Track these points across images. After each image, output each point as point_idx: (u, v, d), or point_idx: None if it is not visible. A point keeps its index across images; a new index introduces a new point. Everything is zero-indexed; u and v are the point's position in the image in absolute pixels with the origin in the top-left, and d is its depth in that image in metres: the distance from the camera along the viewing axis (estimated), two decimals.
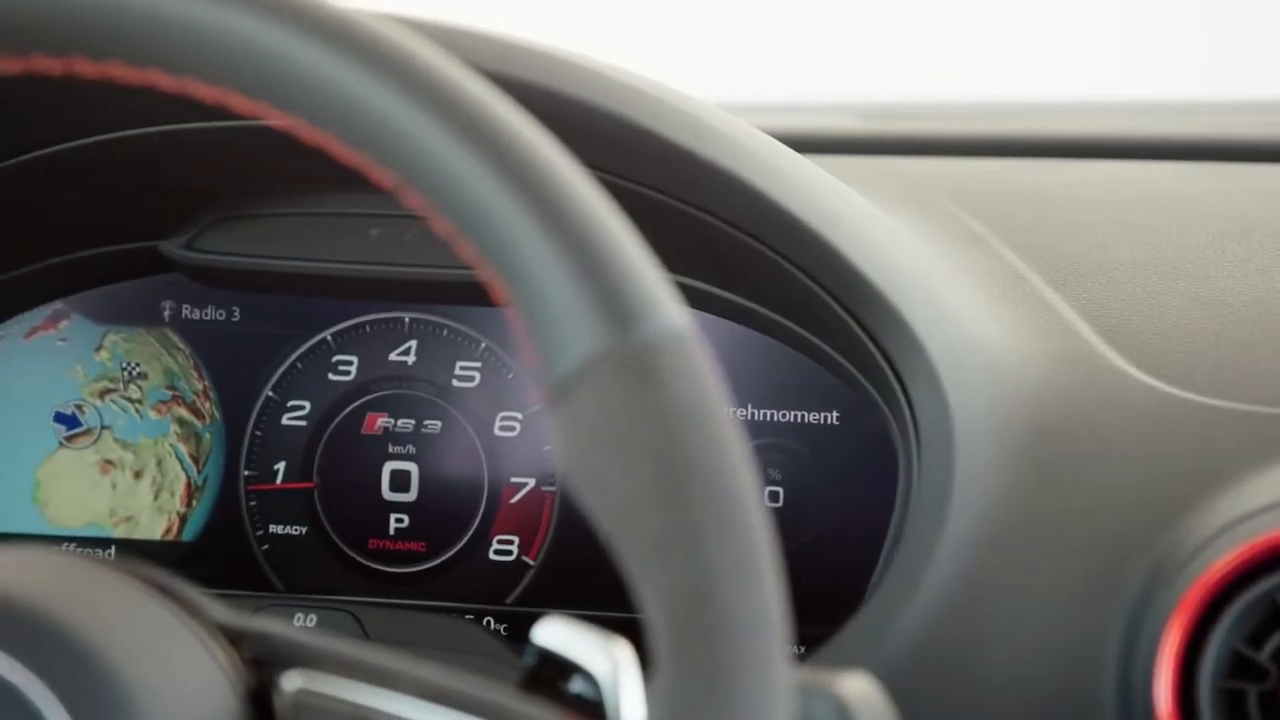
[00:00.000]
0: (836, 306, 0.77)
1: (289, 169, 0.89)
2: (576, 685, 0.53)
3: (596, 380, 0.47)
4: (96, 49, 0.51)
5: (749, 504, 0.47)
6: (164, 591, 0.53)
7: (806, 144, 0.85)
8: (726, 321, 0.88)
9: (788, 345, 0.86)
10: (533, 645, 0.54)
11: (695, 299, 0.86)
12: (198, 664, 0.51)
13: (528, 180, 0.48)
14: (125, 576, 0.53)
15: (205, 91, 0.51)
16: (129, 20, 0.50)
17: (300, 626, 0.84)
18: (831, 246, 0.75)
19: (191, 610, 0.53)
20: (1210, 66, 1.56)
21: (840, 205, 0.78)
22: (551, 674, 0.54)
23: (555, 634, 0.54)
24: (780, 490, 0.90)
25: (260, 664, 0.52)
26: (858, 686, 0.53)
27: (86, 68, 0.51)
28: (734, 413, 0.85)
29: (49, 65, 0.52)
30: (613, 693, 0.52)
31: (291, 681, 0.52)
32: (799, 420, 0.90)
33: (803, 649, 0.75)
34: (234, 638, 0.53)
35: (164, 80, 0.51)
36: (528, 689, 0.53)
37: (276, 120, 0.51)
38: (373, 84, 0.48)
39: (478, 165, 0.48)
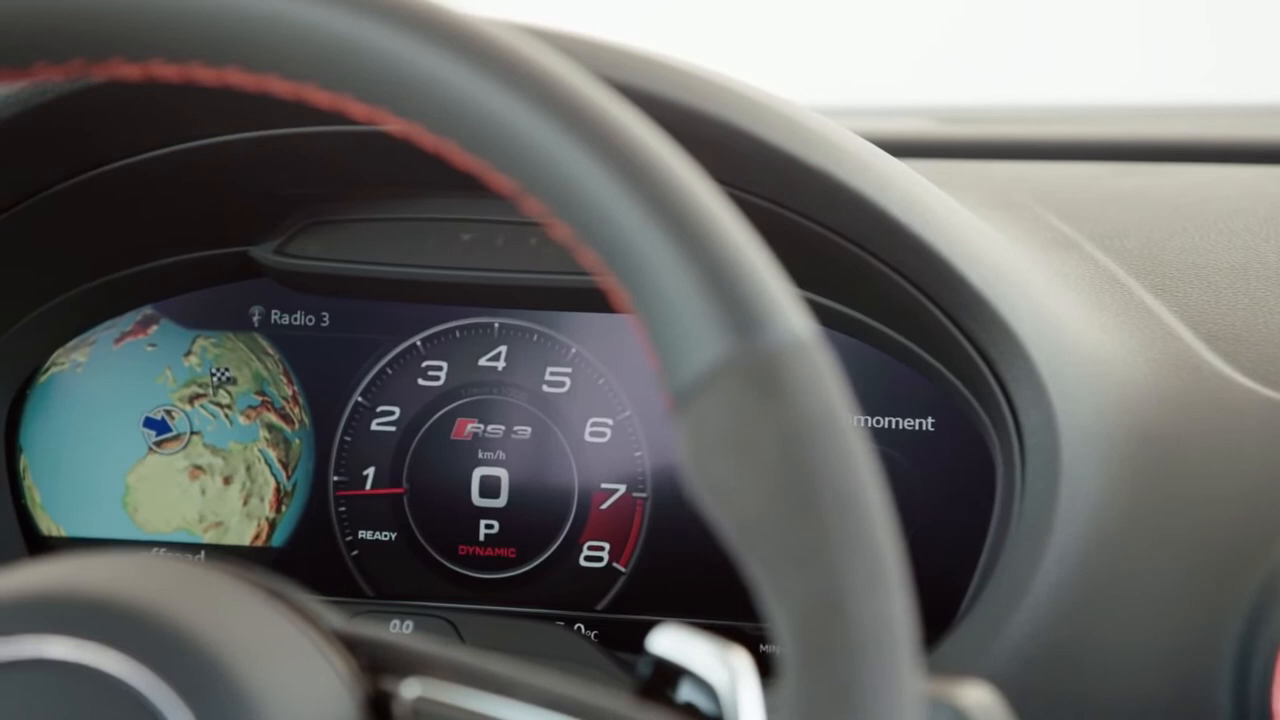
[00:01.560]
0: (937, 312, 0.77)
1: (380, 174, 0.89)
2: (693, 695, 0.53)
3: (721, 388, 0.47)
4: (214, 55, 0.51)
5: (877, 512, 0.47)
6: (279, 598, 0.53)
7: (885, 148, 0.85)
8: (821, 327, 0.87)
9: (883, 351, 0.86)
10: (648, 653, 0.54)
11: None
12: (317, 671, 0.51)
13: (653, 187, 0.47)
14: (241, 582, 0.53)
15: (322, 97, 0.51)
16: (249, 26, 0.50)
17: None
18: (934, 251, 0.75)
19: (307, 617, 0.53)
20: None
21: (941, 210, 0.78)
22: (667, 683, 0.53)
23: (671, 642, 0.53)
24: None
25: (377, 672, 0.52)
26: (978, 696, 0.52)
27: (204, 74, 0.51)
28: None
29: (167, 71, 0.52)
30: (731, 702, 0.52)
31: (410, 689, 0.51)
32: (894, 427, 0.89)
33: None
34: (350, 645, 0.53)
35: (281, 86, 0.51)
36: (644, 697, 0.53)
37: (393, 126, 0.51)
38: (497, 90, 0.48)
39: (602, 172, 0.47)
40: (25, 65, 0.52)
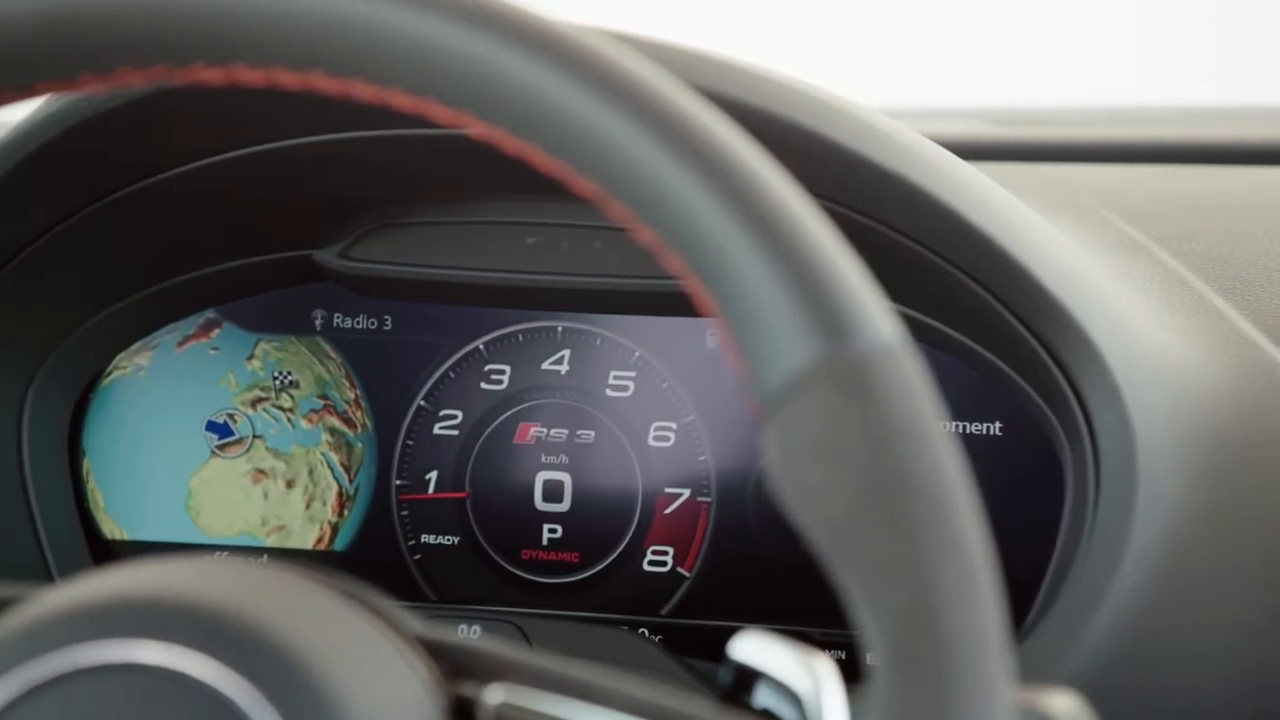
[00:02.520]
0: (1009, 316, 0.76)
1: (444, 177, 0.89)
2: (776, 702, 0.52)
3: (810, 393, 0.46)
4: (299, 59, 0.50)
5: (968, 517, 0.46)
6: (360, 602, 0.53)
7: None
8: None
9: (951, 355, 0.85)
10: (730, 660, 0.53)
11: None
12: (400, 676, 0.51)
13: (741, 192, 0.47)
14: (324, 586, 0.53)
15: (406, 102, 0.51)
16: (335, 30, 0.50)
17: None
18: (1009, 255, 0.74)
19: (389, 621, 0.53)
20: None
21: (1013, 213, 0.77)
22: (748, 689, 0.53)
23: (753, 648, 0.53)
24: None
25: (459, 677, 0.52)
26: (1066, 705, 0.52)
27: (286, 78, 0.51)
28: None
29: (249, 76, 0.52)
30: (815, 710, 0.51)
31: (494, 695, 0.51)
32: (961, 431, 0.89)
33: None
34: (432, 650, 0.52)
35: (365, 91, 0.51)
36: (727, 704, 0.53)
37: (476, 131, 0.50)
38: (583, 95, 0.48)
39: (688, 176, 0.47)
40: (109, 71, 0.52)
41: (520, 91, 0.48)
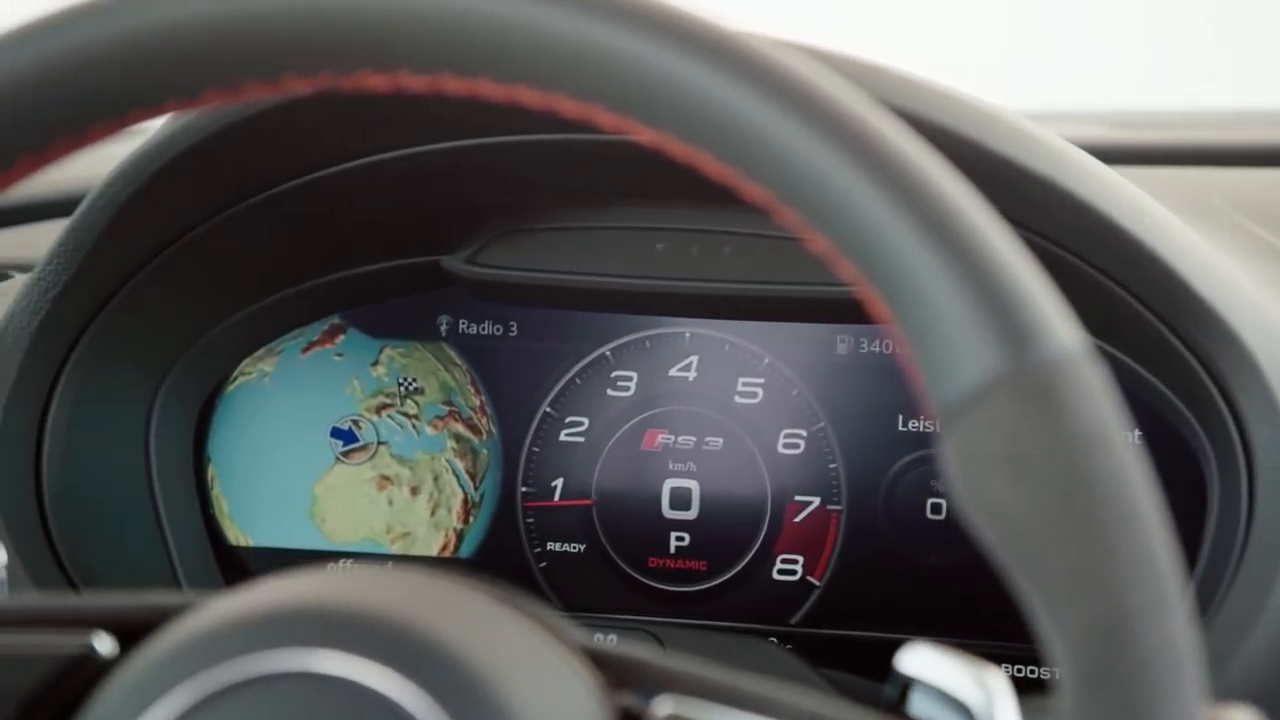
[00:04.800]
0: (1157, 322, 0.75)
1: (573, 182, 0.88)
2: (939, 713, 0.52)
3: (992, 403, 0.45)
4: (466, 65, 0.50)
5: (1158, 530, 0.45)
6: (523, 612, 0.53)
7: None
8: None
9: None
10: (897, 673, 0.52)
11: None
12: (569, 686, 0.50)
13: (918, 198, 0.46)
14: (489, 596, 0.52)
15: (570, 107, 0.50)
16: (502, 37, 0.49)
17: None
18: (1162, 260, 0.73)
19: (553, 631, 0.52)
20: None
21: (1161, 218, 0.76)
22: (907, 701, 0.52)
23: (921, 661, 0.52)
24: None
25: (625, 688, 0.52)
26: None
27: (452, 85, 0.51)
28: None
29: (415, 83, 0.51)
30: None
31: (663, 707, 0.51)
32: None
33: None
34: (597, 660, 0.52)
35: (529, 96, 0.50)
36: (894, 715, 0.52)
37: (642, 136, 0.50)
38: (759, 101, 0.47)
39: (865, 183, 0.46)
40: (275, 79, 0.52)
41: (693, 96, 0.47)
